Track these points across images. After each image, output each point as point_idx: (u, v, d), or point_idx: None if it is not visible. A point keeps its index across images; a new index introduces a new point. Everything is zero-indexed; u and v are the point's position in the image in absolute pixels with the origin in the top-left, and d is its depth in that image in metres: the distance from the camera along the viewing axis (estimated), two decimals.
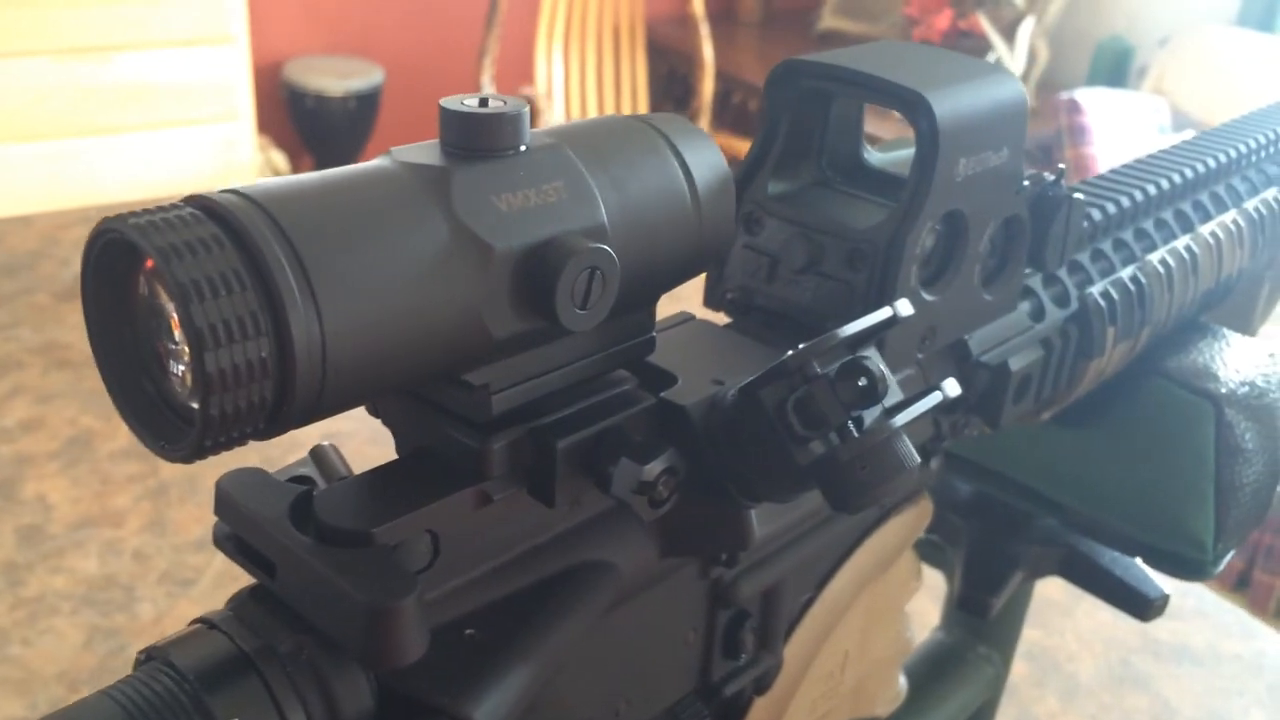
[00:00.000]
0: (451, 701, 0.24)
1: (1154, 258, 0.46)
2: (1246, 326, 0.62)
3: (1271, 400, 0.47)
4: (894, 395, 0.29)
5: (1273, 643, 0.88)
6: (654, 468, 0.26)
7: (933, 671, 0.56)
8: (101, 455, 0.93)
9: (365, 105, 2.74)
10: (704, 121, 2.63)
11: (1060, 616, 0.88)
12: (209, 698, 0.22)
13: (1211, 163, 0.52)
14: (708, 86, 2.67)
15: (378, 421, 0.28)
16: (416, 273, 0.22)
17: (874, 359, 0.27)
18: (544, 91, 2.67)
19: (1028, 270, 0.40)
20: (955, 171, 0.33)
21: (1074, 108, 2.71)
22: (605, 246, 0.24)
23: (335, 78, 2.69)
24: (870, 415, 0.28)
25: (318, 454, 0.28)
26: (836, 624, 0.40)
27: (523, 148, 0.24)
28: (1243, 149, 0.54)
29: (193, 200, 0.21)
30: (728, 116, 3.00)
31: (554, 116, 2.66)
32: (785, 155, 0.36)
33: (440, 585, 0.26)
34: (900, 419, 0.27)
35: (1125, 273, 0.45)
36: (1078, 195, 0.38)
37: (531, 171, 0.24)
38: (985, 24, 3.04)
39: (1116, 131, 2.49)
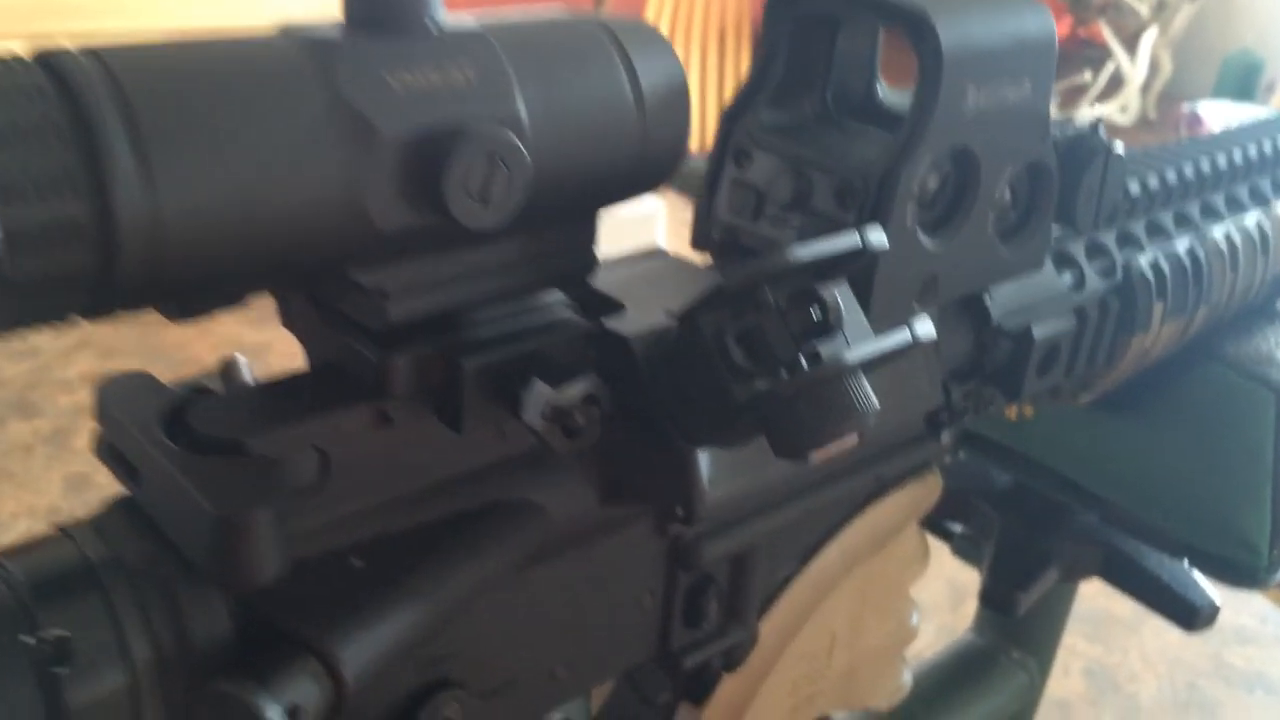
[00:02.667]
0: (316, 633, 0.22)
1: (1217, 232, 0.42)
2: None
3: None
4: (860, 334, 0.25)
5: None
6: (570, 392, 0.24)
7: (958, 673, 0.52)
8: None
9: None
10: None
11: (1125, 634, 0.82)
12: (37, 606, 0.20)
13: None
14: None
15: None
16: (284, 148, 0.20)
17: (831, 289, 0.24)
18: None
19: (1059, 230, 0.36)
20: (963, 102, 0.30)
21: (1195, 120, 2.59)
22: (510, 134, 0.21)
23: None
24: (828, 352, 0.25)
25: (226, 365, 0.26)
26: (822, 602, 0.36)
27: (432, 26, 0.22)
28: None
29: (40, 52, 0.19)
30: None
31: None
32: (785, 85, 0.33)
33: (329, 509, 0.24)
34: (855, 354, 0.24)
35: (1181, 245, 0.41)
36: (1118, 150, 0.34)
37: (439, 52, 0.22)
38: (1106, 33, 2.93)
39: None
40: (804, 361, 0.24)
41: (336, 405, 0.24)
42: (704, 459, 0.28)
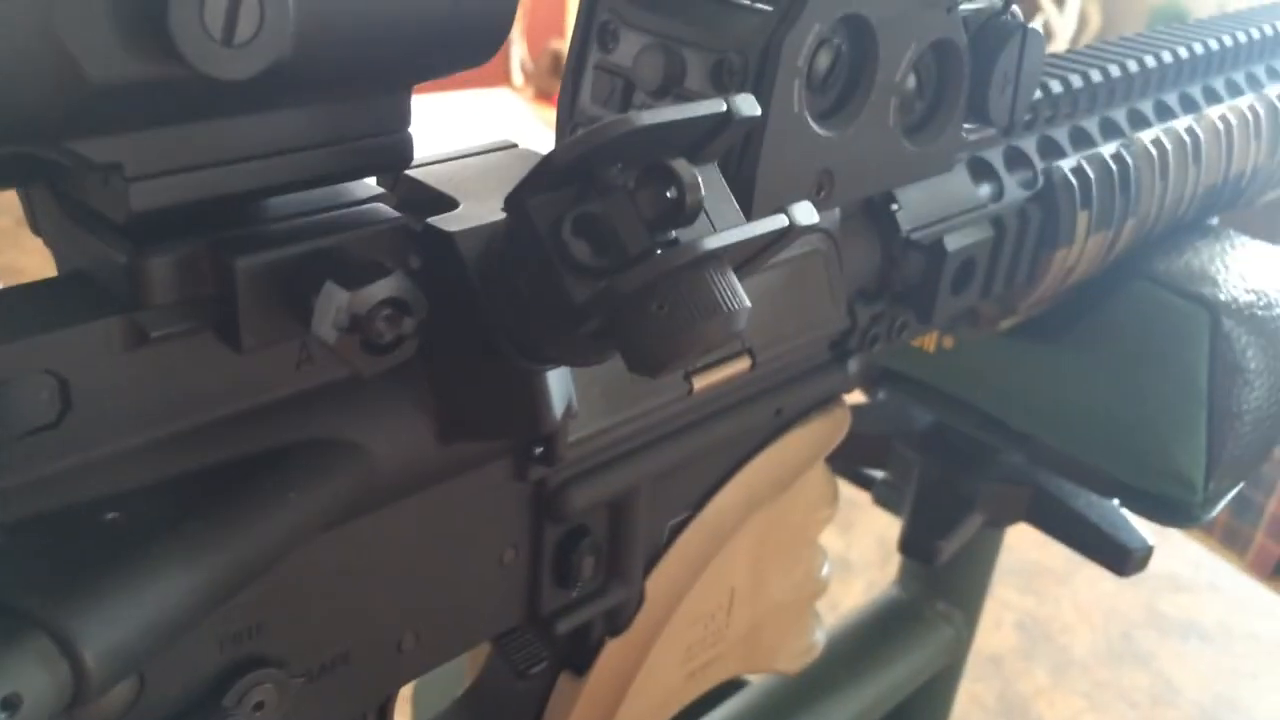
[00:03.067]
0: (45, 604, 0.17)
1: (1145, 136, 0.38)
2: None
3: None
4: (729, 221, 0.21)
5: None
6: (368, 295, 0.19)
7: (880, 630, 0.49)
8: None
9: None
10: None
11: (1056, 584, 0.80)
12: None
13: (1230, 41, 0.44)
14: None
15: None
16: None
17: (684, 164, 0.20)
18: None
19: (971, 128, 0.32)
20: None
21: None
22: None
23: None
24: (686, 240, 0.20)
25: None
26: (718, 554, 0.32)
27: None
28: (1270, 32, 0.46)
29: None
30: None
31: None
32: None
33: (71, 451, 0.19)
34: (713, 241, 0.19)
35: (1107, 149, 0.37)
36: (1035, 28, 0.30)
37: None
38: None
39: None
40: (659, 253, 0.20)
41: (78, 318, 0.19)
42: (563, 385, 0.24)
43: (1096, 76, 0.38)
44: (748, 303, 0.20)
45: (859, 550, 0.85)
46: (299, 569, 0.23)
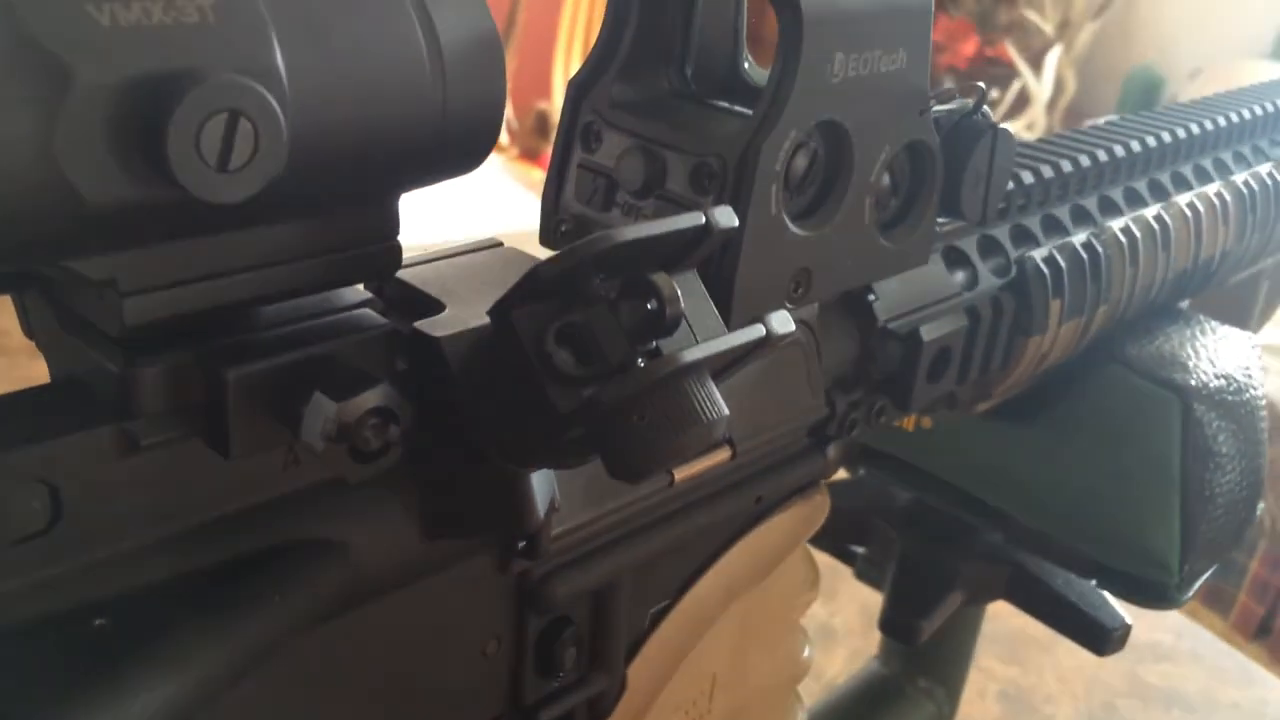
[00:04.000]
0: (30, 713, 0.18)
1: (1115, 225, 0.39)
2: (1243, 328, 0.55)
3: (1251, 398, 0.39)
4: (710, 331, 0.22)
5: (1275, 690, 0.80)
6: (355, 406, 0.20)
7: (862, 706, 0.49)
8: None
9: None
10: None
11: (1039, 653, 0.80)
12: None
13: (1196, 129, 0.45)
14: None
15: None
16: None
17: (664, 278, 0.20)
18: (560, 106, 2.62)
19: (945, 221, 0.33)
20: (829, 69, 0.26)
21: None
22: (256, 85, 0.17)
23: None
24: (670, 351, 0.21)
25: None
26: (700, 641, 0.32)
27: None
28: (1236, 119, 0.47)
29: None
30: None
31: None
32: (636, 56, 0.29)
33: (64, 558, 0.19)
34: (695, 352, 0.20)
35: (1078, 238, 0.38)
36: (1006, 128, 0.31)
37: None
38: (1012, 52, 2.97)
39: None
40: (640, 363, 0.20)
41: (70, 427, 0.19)
42: (546, 483, 0.24)
43: (1067, 166, 0.39)
44: (726, 411, 0.21)
45: (843, 618, 0.85)
46: (281, 666, 0.23)
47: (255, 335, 0.21)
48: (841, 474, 0.52)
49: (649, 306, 0.20)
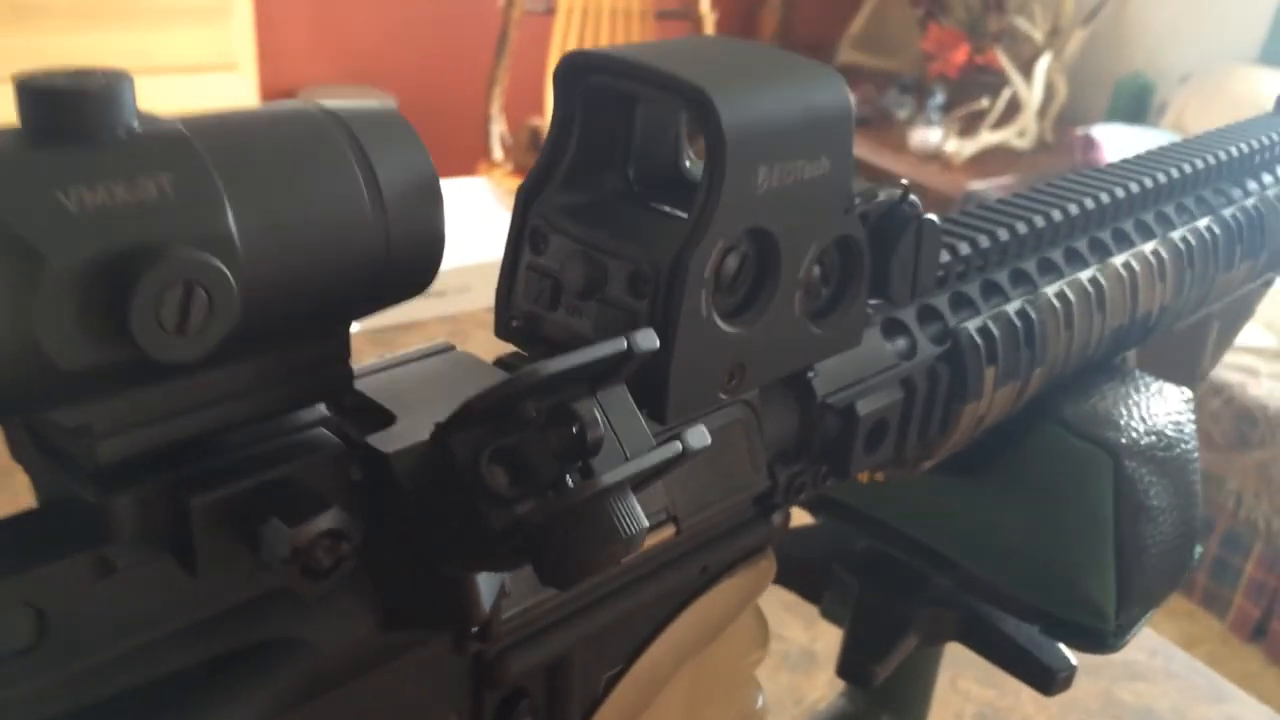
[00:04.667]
0: None
1: (1050, 291, 0.41)
2: (1194, 370, 0.57)
3: (1182, 452, 0.41)
4: (637, 444, 0.24)
5: (1247, 707, 0.82)
6: (309, 530, 0.22)
7: None
8: None
9: None
10: None
11: None
12: None
13: (1136, 188, 0.47)
14: None
15: None
16: None
17: (586, 405, 0.22)
18: None
19: (877, 303, 0.35)
20: (753, 182, 0.28)
21: (1089, 144, 2.65)
22: (203, 258, 0.19)
23: None
24: (603, 469, 0.23)
25: None
26: (652, 702, 0.35)
27: (124, 132, 0.20)
28: (1177, 174, 0.49)
29: None
30: None
31: None
32: (581, 163, 0.31)
33: (45, 673, 0.21)
34: (610, 476, 0.22)
35: (1011, 307, 0.40)
36: (930, 217, 0.33)
37: (128, 162, 0.20)
38: (1003, 59, 3.00)
39: None
40: (569, 481, 0.23)
41: (52, 556, 0.21)
42: (493, 578, 0.26)
43: (1004, 235, 0.41)
44: (645, 523, 0.23)
45: (824, 642, 0.87)
46: None
47: (217, 461, 0.23)
48: (806, 518, 0.54)
49: (573, 431, 0.23)
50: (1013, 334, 0.39)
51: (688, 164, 0.34)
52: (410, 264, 0.24)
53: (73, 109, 0.19)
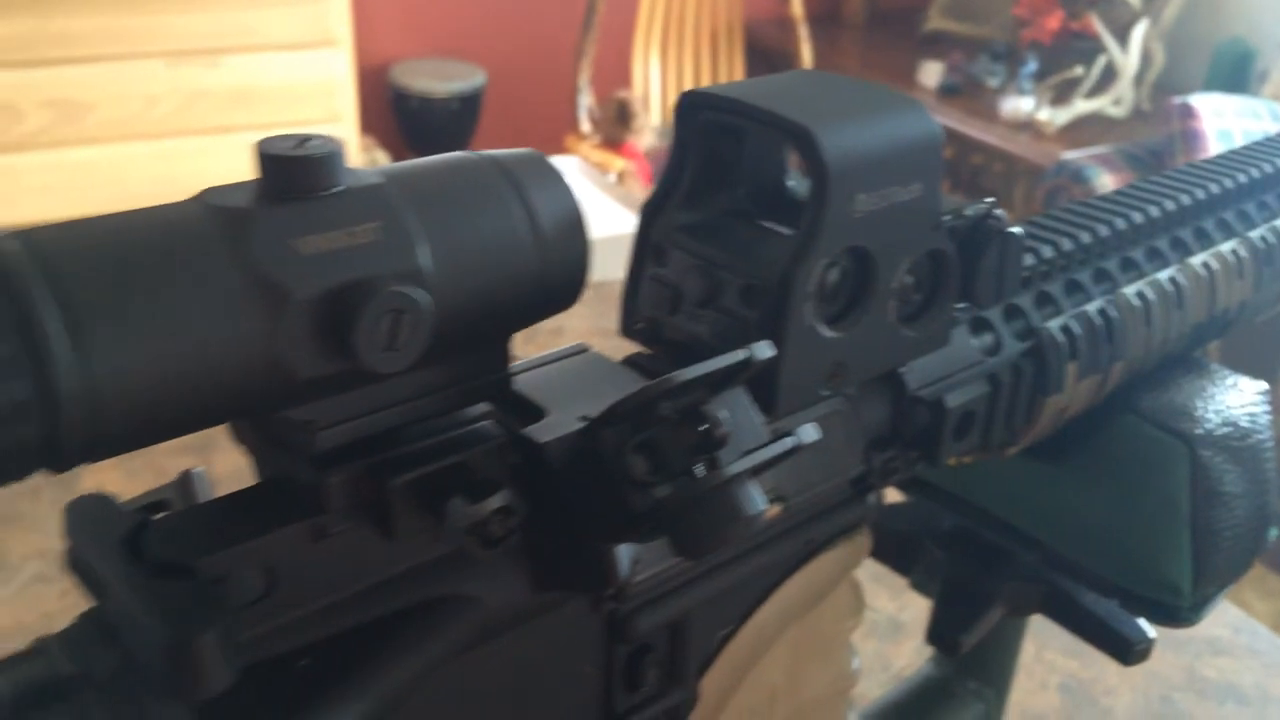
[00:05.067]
0: None
1: (1130, 290, 0.44)
2: (1273, 362, 0.59)
3: (1256, 442, 0.44)
4: (753, 438, 0.28)
5: None
6: (485, 507, 0.26)
7: (916, 706, 0.55)
8: (159, 449, 0.97)
9: (468, 106, 2.80)
10: None
11: None
12: None
13: (1215, 188, 0.50)
14: None
15: None
16: (204, 316, 0.22)
17: (714, 405, 0.27)
18: (640, 94, 2.68)
19: (965, 306, 0.38)
20: (852, 208, 0.32)
21: (1188, 112, 2.60)
22: (409, 290, 0.24)
23: (439, 80, 2.75)
24: (728, 460, 0.27)
25: (183, 479, 0.29)
26: (760, 659, 0.39)
27: (339, 188, 0.24)
28: (1255, 174, 0.51)
29: None
30: None
31: (650, 119, 2.67)
32: (697, 185, 0.35)
33: (276, 617, 0.26)
34: (734, 467, 0.26)
35: (1093, 305, 0.43)
36: (1014, 229, 0.37)
37: (345, 213, 0.24)
38: (1098, 25, 2.94)
39: (1232, 138, 2.38)
40: (696, 471, 0.27)
41: (279, 523, 0.26)
42: (631, 547, 0.31)
43: (1086, 238, 0.44)
44: (763, 506, 0.27)
45: (911, 612, 0.91)
46: (431, 689, 0.30)
47: (408, 447, 0.28)
48: (898, 496, 0.58)
49: (702, 429, 0.27)
50: (1094, 331, 0.42)
51: (791, 183, 0.37)
52: (562, 283, 0.28)
53: (302, 172, 0.24)
